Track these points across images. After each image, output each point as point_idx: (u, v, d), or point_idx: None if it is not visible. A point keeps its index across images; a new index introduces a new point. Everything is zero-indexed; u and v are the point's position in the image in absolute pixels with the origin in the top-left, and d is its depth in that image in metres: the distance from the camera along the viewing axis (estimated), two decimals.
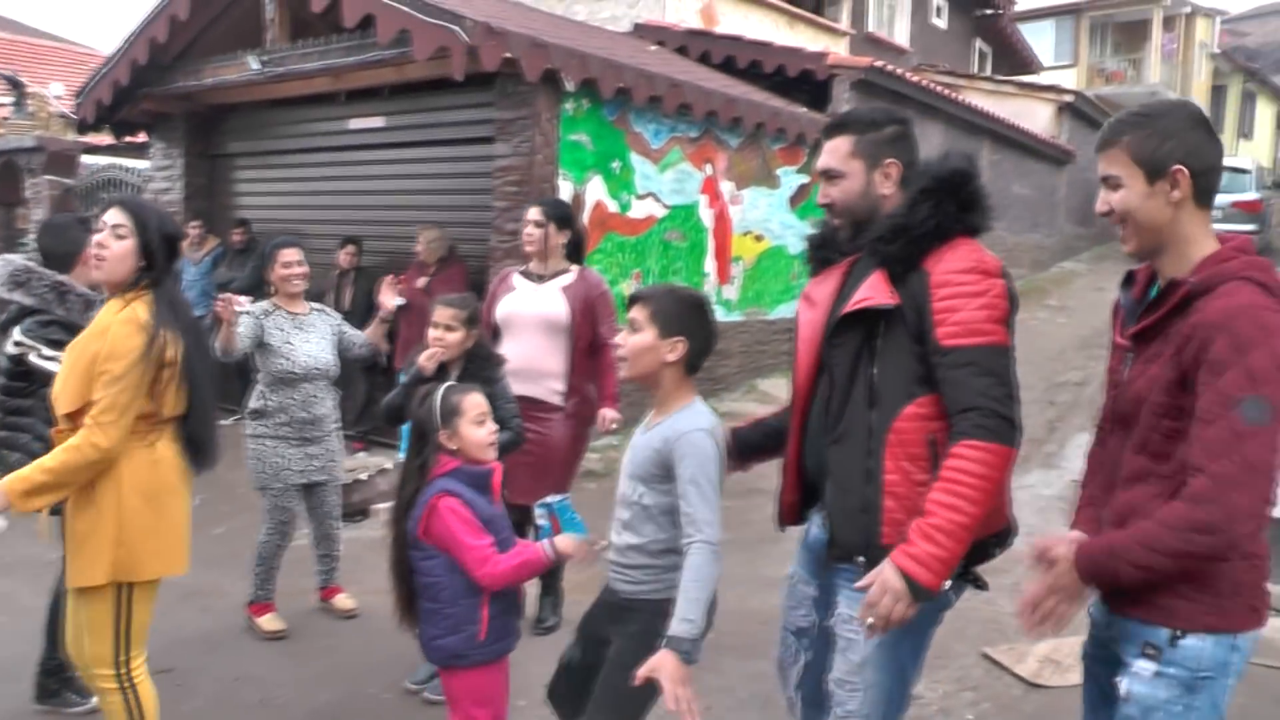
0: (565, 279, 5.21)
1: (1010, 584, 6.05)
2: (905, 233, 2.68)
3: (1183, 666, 2.24)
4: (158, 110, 11.05)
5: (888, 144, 2.85)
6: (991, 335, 2.59)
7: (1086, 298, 16.20)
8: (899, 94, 12.90)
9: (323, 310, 5.55)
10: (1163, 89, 29.31)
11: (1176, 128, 2.27)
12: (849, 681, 2.79)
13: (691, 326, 2.92)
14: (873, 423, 2.69)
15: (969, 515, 2.50)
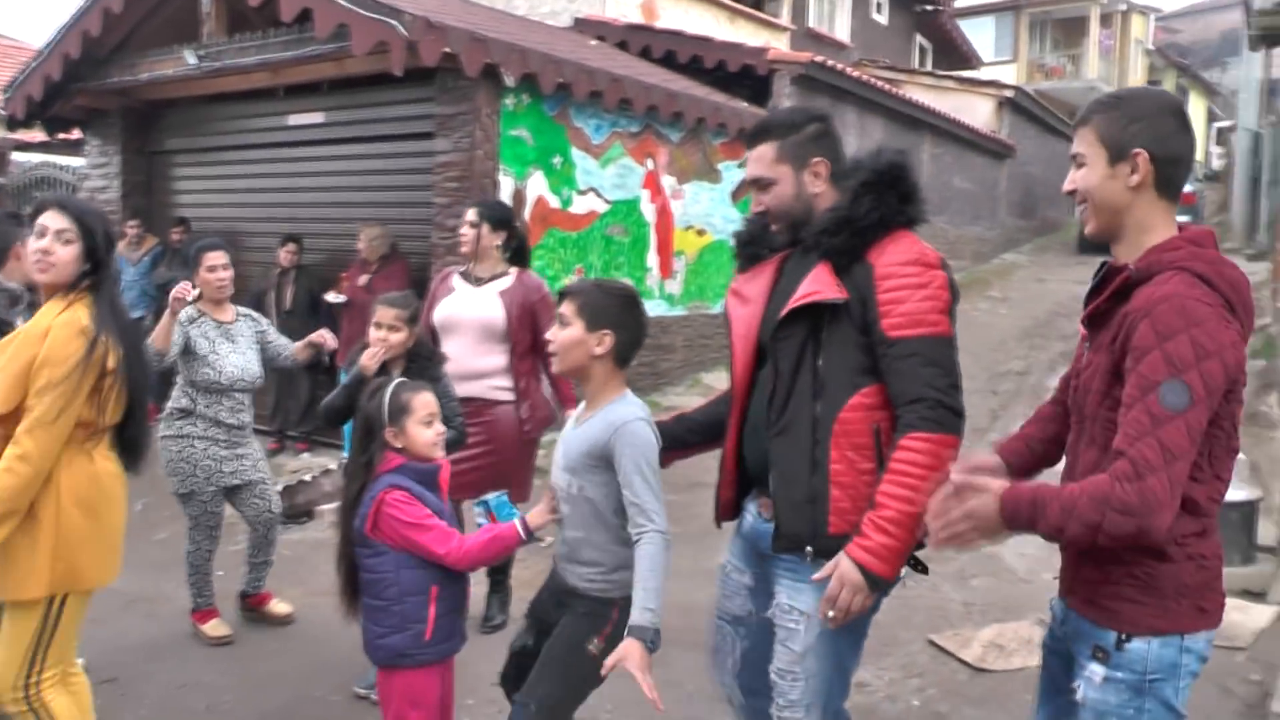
0: (503, 282, 5.20)
1: (954, 571, 6.17)
2: (849, 225, 2.73)
3: (1130, 670, 2.24)
4: (92, 106, 10.83)
5: (812, 143, 2.88)
6: (936, 326, 2.66)
7: (1028, 289, 16.42)
8: (840, 89, 12.99)
9: (249, 315, 5.39)
10: (1101, 84, 29.74)
11: (1146, 113, 2.25)
12: (790, 671, 2.83)
13: (619, 319, 2.96)
14: (818, 414, 2.74)
15: (920, 506, 2.54)
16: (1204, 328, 2.09)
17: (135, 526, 7.09)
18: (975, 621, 5.40)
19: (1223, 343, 2.10)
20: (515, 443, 5.21)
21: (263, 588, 5.46)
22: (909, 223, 2.80)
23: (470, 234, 5.17)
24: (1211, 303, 2.12)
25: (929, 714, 4.43)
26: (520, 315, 5.13)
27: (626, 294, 3.04)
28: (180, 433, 5.07)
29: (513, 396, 5.18)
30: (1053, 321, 13.91)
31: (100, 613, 5.38)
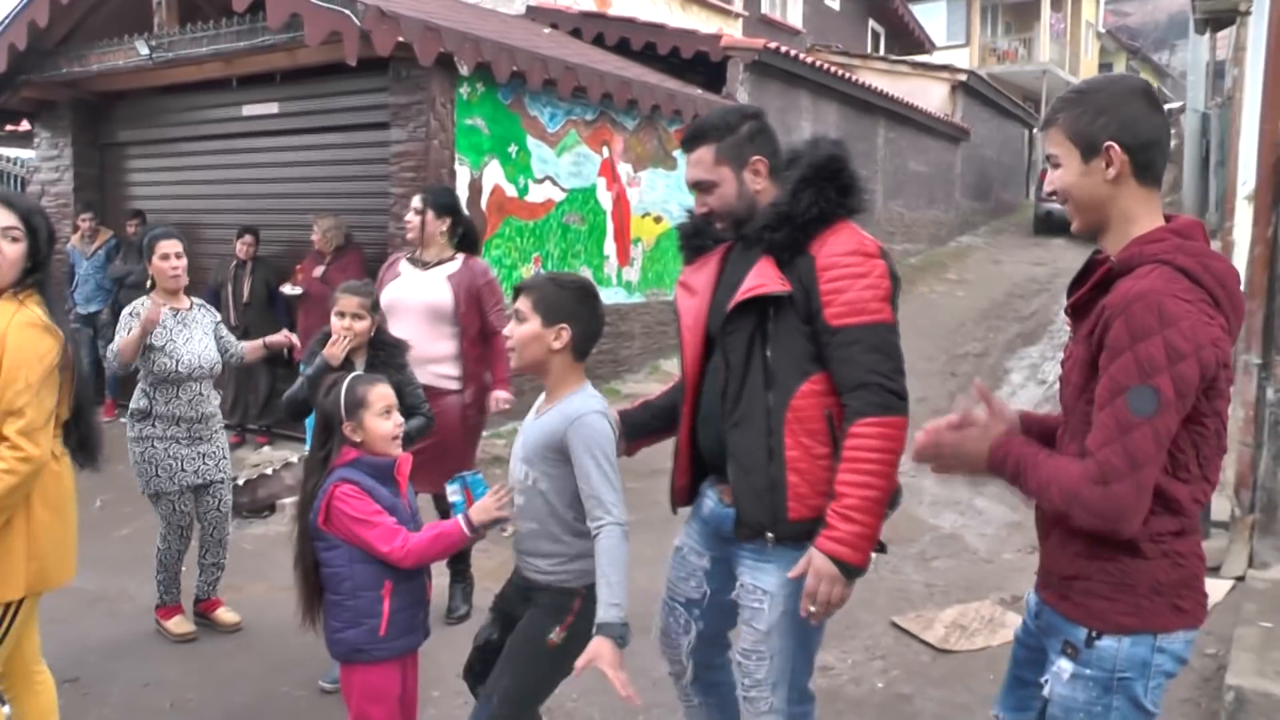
0: (450, 267, 5.24)
1: (916, 553, 6.24)
2: (790, 220, 2.78)
3: (1099, 667, 2.22)
4: (41, 98, 10.66)
5: (749, 142, 2.92)
6: (878, 314, 2.72)
7: (984, 270, 16.57)
8: (794, 75, 13.03)
9: (203, 306, 5.31)
10: (1053, 67, 30.01)
11: (1111, 103, 2.21)
12: (756, 651, 2.89)
13: (575, 312, 2.95)
14: (770, 403, 2.79)
15: (879, 489, 2.66)
16: (1179, 328, 2.04)
17: (96, 524, 7.05)
18: (937, 602, 5.47)
19: (1200, 341, 2.06)
20: (459, 432, 5.23)
21: (214, 593, 5.36)
22: (849, 214, 2.84)
23: (415, 220, 5.21)
24: (1192, 299, 2.08)
25: (893, 695, 4.48)
26: (467, 299, 5.16)
27: (582, 287, 3.02)
28: (141, 435, 5.00)
29: (458, 385, 5.21)
30: (1010, 303, 14.06)
31: (62, 612, 5.35)
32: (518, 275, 9.14)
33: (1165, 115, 2.28)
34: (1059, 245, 18.14)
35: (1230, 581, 5.24)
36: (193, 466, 5.06)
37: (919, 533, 6.59)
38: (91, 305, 10.09)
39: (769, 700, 2.91)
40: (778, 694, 2.91)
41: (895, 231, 16.82)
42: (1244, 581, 5.10)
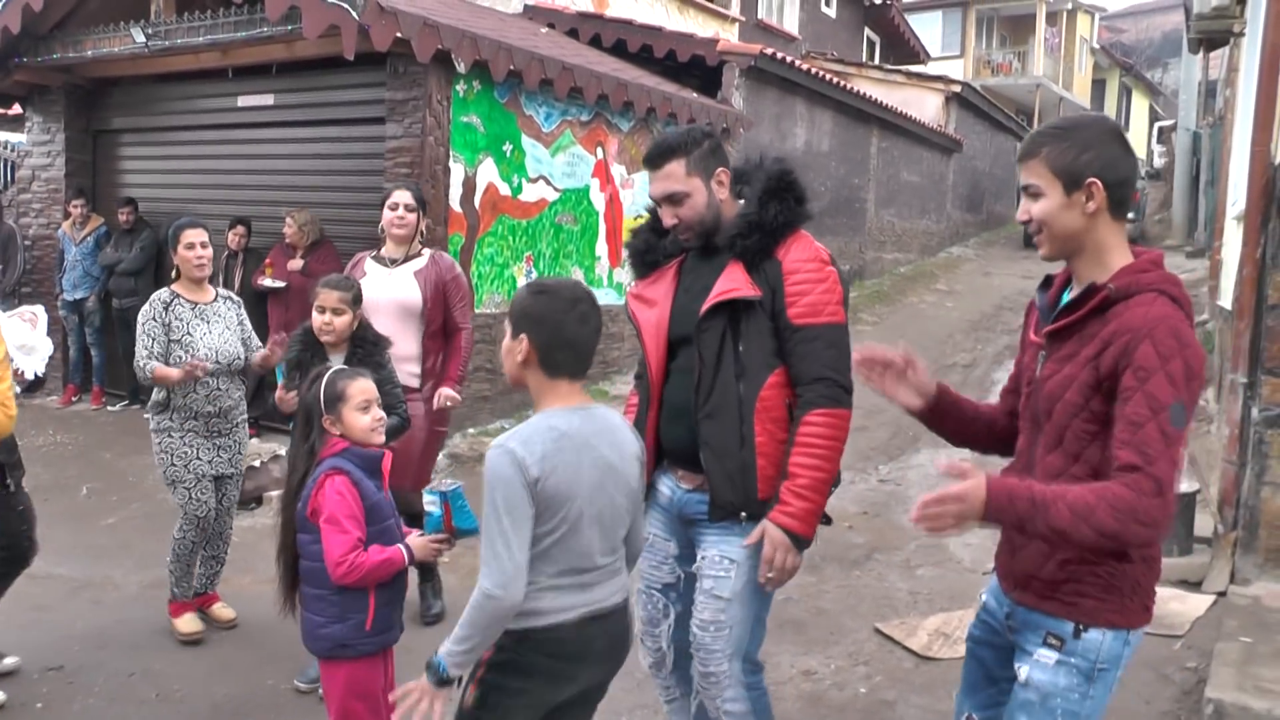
0: (417, 263, 5.22)
1: (900, 561, 6.26)
2: (760, 228, 3.08)
3: (1084, 657, 2.35)
4: (34, 82, 10.61)
5: (713, 156, 3.17)
6: (834, 315, 3.08)
7: (974, 282, 16.62)
8: (789, 81, 13.06)
9: (229, 298, 5.20)
10: (1047, 82, 30.13)
11: (1094, 140, 2.34)
12: (715, 621, 3.13)
13: (537, 320, 2.60)
14: (742, 394, 3.09)
15: (827, 471, 3.04)
16: (1193, 350, 2.21)
17: (81, 513, 7.05)
18: (921, 610, 5.49)
19: (1201, 362, 2.23)
20: (424, 429, 5.18)
21: (212, 588, 5.29)
22: (804, 221, 3.17)
23: (410, 219, 5.18)
24: (1190, 324, 2.26)
25: (875, 702, 4.49)
26: (434, 295, 5.16)
27: (544, 291, 2.65)
28: (159, 426, 4.95)
29: (418, 383, 5.18)
30: (999, 315, 14.10)
31: (46, 599, 5.34)
32: (509, 274, 9.15)
33: (1135, 158, 2.46)
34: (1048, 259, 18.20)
35: (1212, 597, 5.27)
36: (208, 457, 5.00)
37: (904, 541, 6.61)
38: (78, 292, 10.05)
39: (726, 673, 3.14)
40: (734, 664, 3.15)
41: (886, 240, 16.87)
42: (1225, 597, 5.13)
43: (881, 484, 7.94)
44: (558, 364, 2.61)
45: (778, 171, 3.14)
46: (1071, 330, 2.38)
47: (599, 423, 2.66)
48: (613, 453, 2.64)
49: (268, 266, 8.57)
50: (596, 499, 2.59)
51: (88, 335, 10.20)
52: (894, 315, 14.09)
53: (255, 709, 4.40)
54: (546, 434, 2.52)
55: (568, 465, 2.52)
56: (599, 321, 2.67)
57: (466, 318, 5.36)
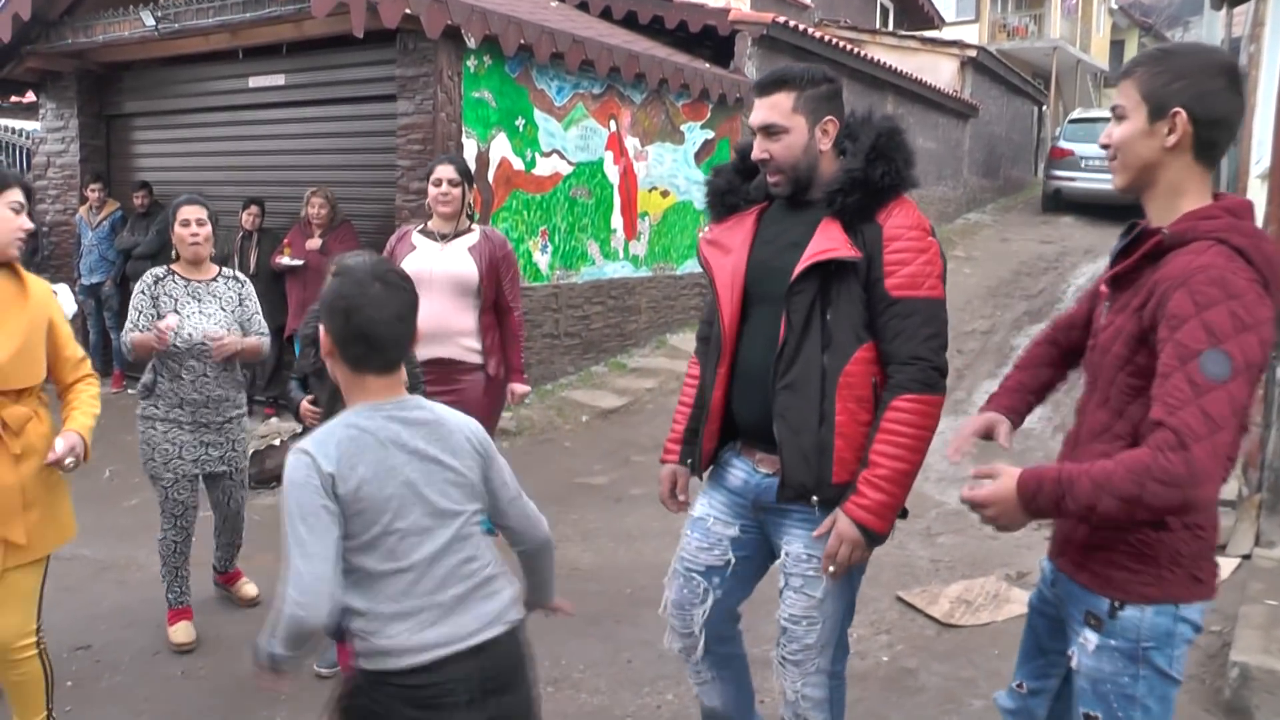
0: (470, 238, 5.14)
1: (922, 529, 6.23)
2: (865, 186, 2.80)
3: (1124, 638, 2.22)
4: (46, 69, 10.65)
5: (827, 101, 2.92)
6: (935, 290, 2.80)
7: (992, 248, 16.50)
8: (803, 50, 12.95)
9: (233, 278, 4.84)
10: (1064, 44, 29.81)
11: (1191, 70, 2.15)
12: (808, 617, 2.94)
13: (326, 309, 2.32)
14: (826, 367, 2.82)
15: (911, 463, 2.76)
16: (1242, 301, 2.02)
17: (105, 494, 7.09)
18: (943, 578, 5.47)
19: (1260, 318, 2.03)
20: (486, 406, 5.15)
21: (232, 566, 5.21)
22: (910, 188, 2.90)
23: (454, 193, 5.06)
24: (1249, 278, 2.05)
25: (897, 669, 4.49)
26: (489, 271, 5.09)
27: (340, 272, 2.35)
28: (143, 413, 4.69)
29: (480, 359, 5.15)
30: (1017, 281, 14.00)
31: (72, 580, 5.39)
32: (525, 248, 9.13)
33: (1243, 99, 2.23)
34: (1067, 224, 18.06)
35: (1236, 560, 5.23)
36: (192, 455, 4.70)
37: (925, 508, 6.59)
38: (95, 276, 10.10)
39: (816, 662, 2.97)
40: (825, 655, 2.97)
41: None
42: (1250, 560, 5.09)
43: None
44: (356, 358, 2.32)
45: (888, 129, 2.88)
46: (1128, 279, 2.25)
47: (414, 414, 2.37)
48: (436, 446, 2.36)
49: (286, 246, 8.57)
50: (424, 503, 2.32)
51: (106, 319, 10.24)
52: None
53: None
54: (343, 432, 2.29)
55: (373, 463, 2.27)
56: (403, 305, 2.33)
57: (517, 297, 5.30)
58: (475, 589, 2.37)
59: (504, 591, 2.43)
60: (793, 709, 3.04)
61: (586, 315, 10.08)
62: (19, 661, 3.41)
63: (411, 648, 2.27)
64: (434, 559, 2.31)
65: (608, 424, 8.91)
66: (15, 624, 3.36)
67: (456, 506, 2.37)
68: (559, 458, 8.00)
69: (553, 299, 9.58)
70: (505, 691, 2.39)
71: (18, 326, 3.25)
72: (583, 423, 8.87)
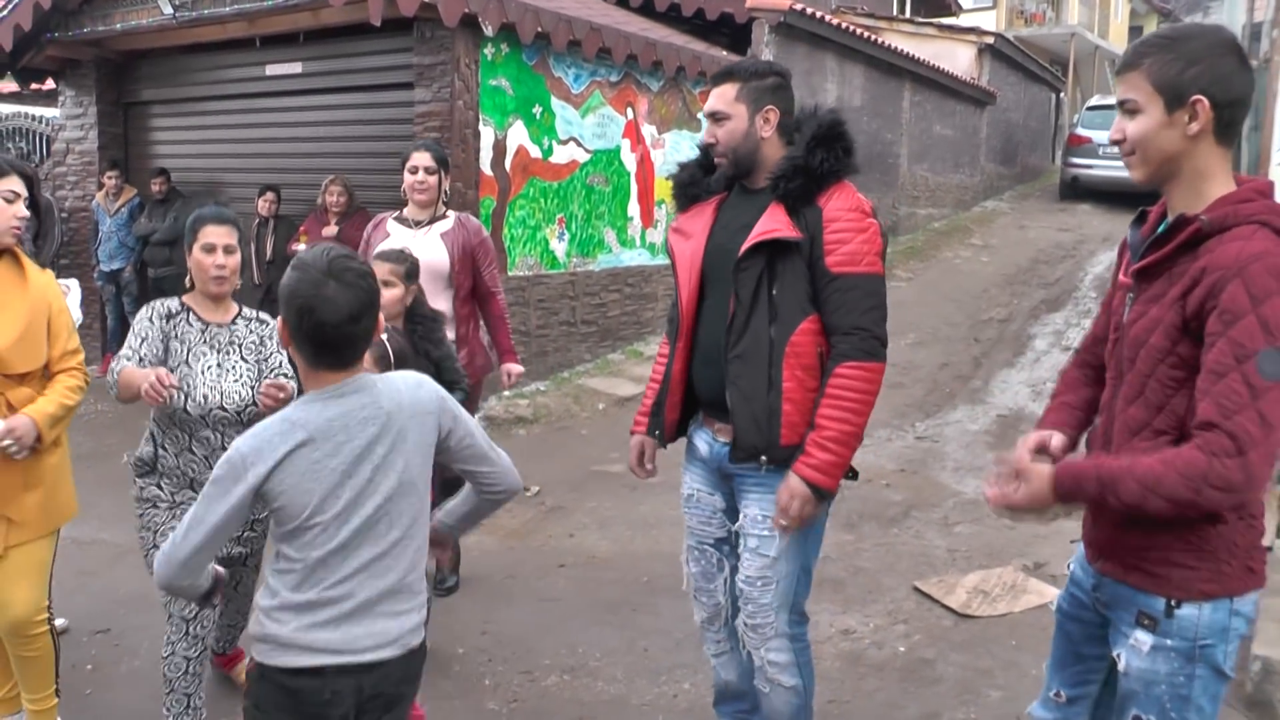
0: (443, 225, 5.07)
1: (939, 518, 6.23)
2: (805, 172, 3.05)
3: (1181, 637, 2.15)
4: (65, 56, 10.70)
5: (769, 92, 3.17)
6: (873, 266, 3.04)
7: (1009, 235, 16.43)
8: (819, 37, 12.91)
9: (256, 318, 3.72)
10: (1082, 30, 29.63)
11: (1204, 53, 2.08)
12: (763, 577, 3.15)
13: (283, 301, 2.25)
14: (773, 337, 3.05)
15: (856, 426, 3.01)
16: None
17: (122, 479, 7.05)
18: (960, 568, 5.46)
19: None
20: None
21: (232, 647, 4.36)
22: (850, 174, 3.13)
23: (430, 181, 5.02)
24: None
25: (914, 660, 4.48)
26: (462, 258, 5.04)
27: (298, 265, 2.26)
28: (142, 494, 3.65)
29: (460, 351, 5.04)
30: (1035, 269, 13.95)
31: (91, 564, 5.42)
32: (542, 236, 9.13)
33: (1253, 75, 2.19)
34: (1085, 211, 17.96)
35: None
36: None
37: (942, 498, 6.58)
38: (114, 262, 10.15)
39: (773, 625, 3.17)
40: (780, 617, 3.18)
41: (920, 195, 16.71)
42: (1272, 552, 5.06)
43: (919, 441, 7.90)
44: (309, 356, 2.26)
45: (830, 120, 3.11)
46: (1160, 268, 2.16)
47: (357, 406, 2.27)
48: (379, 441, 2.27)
49: (302, 234, 8.58)
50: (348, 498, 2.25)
51: (125, 304, 10.29)
52: (928, 271, 13.98)
53: None
54: (278, 425, 2.24)
55: (301, 458, 2.21)
56: (358, 304, 2.20)
57: (498, 282, 5.26)
58: (381, 600, 2.29)
59: (410, 615, 2.36)
60: (763, 674, 3.22)
61: (603, 303, 10.08)
62: (33, 638, 3.46)
63: (302, 645, 2.24)
64: (347, 553, 2.25)
65: (624, 412, 8.91)
66: (31, 599, 3.41)
67: (383, 504, 2.28)
68: (575, 445, 8.01)
69: (569, 287, 9.58)
70: (386, 710, 2.36)
71: (19, 312, 3.31)
72: (599, 410, 8.88)
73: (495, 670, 4.37)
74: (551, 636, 4.69)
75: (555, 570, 5.51)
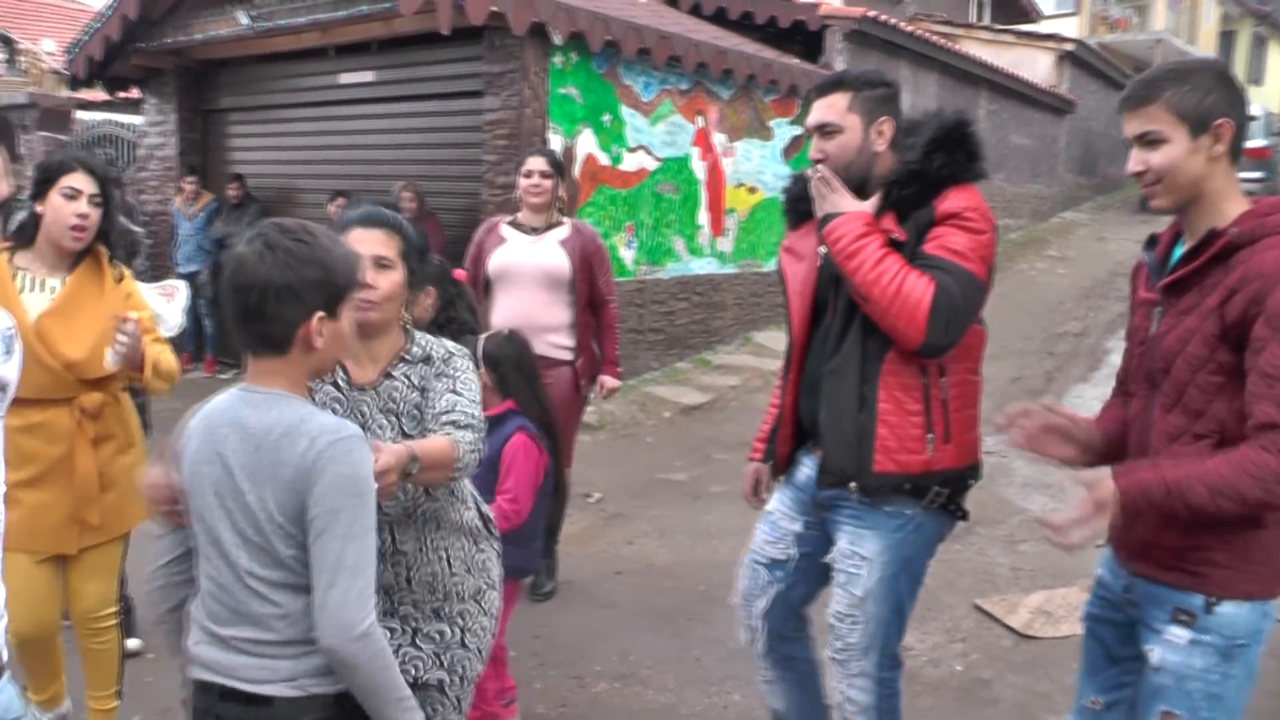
0: (561, 232, 5.04)
1: (1003, 535, 6.12)
2: (921, 179, 2.80)
3: (1219, 634, 2.19)
4: (150, 66, 11.05)
5: (883, 103, 2.93)
6: (972, 263, 2.74)
7: (1087, 248, 16.16)
8: (893, 44, 12.81)
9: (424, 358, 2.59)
10: (1168, 36, 29.04)
11: (1214, 82, 2.21)
12: (850, 615, 2.91)
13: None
14: (868, 351, 2.80)
15: None
16: None
17: None
18: (1023, 587, 5.35)
19: None
20: (571, 404, 5.10)
21: None
22: (974, 179, 2.87)
23: (546, 184, 4.97)
24: None
25: (972, 679, 4.41)
26: (581, 266, 4.99)
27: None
28: None
29: (570, 356, 5.06)
30: (1112, 282, 13.68)
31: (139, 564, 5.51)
32: (610, 244, 9.14)
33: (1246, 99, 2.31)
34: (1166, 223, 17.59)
35: None
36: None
37: (1007, 515, 6.47)
38: (192, 265, 10.39)
39: (860, 664, 2.93)
40: (869, 658, 2.92)
41: (996, 206, 16.44)
42: None
43: (987, 455, 7.64)
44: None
45: (953, 121, 2.87)
46: (1190, 282, 2.23)
47: (250, 414, 2.03)
48: (246, 464, 2.00)
49: None
50: (212, 520, 2.04)
51: (201, 306, 10.49)
52: (1004, 283, 13.75)
53: None
54: (197, 422, 2.10)
55: (192, 460, 2.07)
56: (244, 297, 2.01)
57: (611, 290, 5.20)
58: (216, 627, 2.08)
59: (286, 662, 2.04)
60: (840, 711, 3.01)
61: (672, 311, 10.08)
62: (101, 630, 3.54)
63: (190, 656, 2.15)
64: (210, 578, 2.08)
65: (690, 420, 8.90)
66: (100, 593, 3.50)
67: (232, 547, 2.02)
68: (640, 453, 8.01)
69: (638, 294, 9.58)
70: None
71: (95, 319, 3.31)
72: (665, 419, 8.87)
73: (546, 674, 4.38)
74: (604, 643, 4.69)
75: (612, 577, 5.51)
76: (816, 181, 2.86)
